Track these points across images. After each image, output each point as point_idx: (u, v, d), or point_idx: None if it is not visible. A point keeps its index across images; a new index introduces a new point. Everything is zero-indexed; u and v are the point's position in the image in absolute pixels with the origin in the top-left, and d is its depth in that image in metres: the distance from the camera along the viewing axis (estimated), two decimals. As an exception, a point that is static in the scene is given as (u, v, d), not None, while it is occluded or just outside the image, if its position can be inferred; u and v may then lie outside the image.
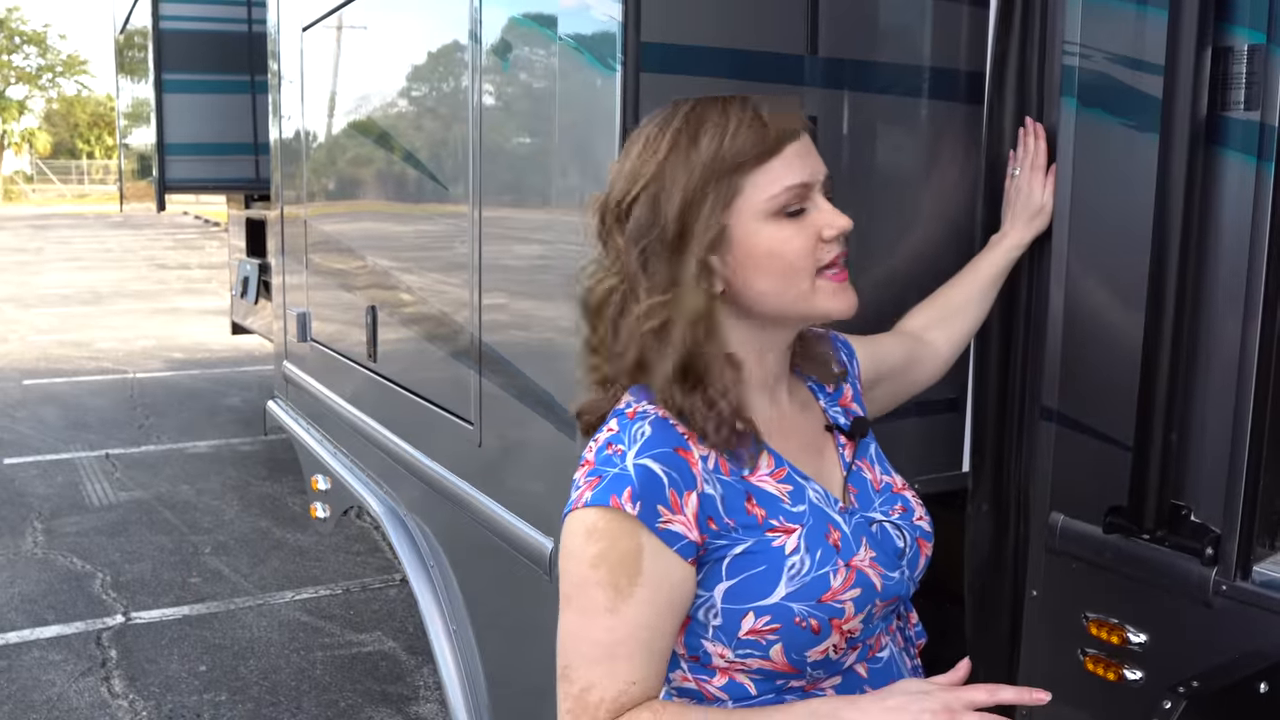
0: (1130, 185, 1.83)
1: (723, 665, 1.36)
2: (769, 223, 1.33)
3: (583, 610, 1.29)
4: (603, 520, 1.29)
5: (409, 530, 2.69)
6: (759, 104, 1.34)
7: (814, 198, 1.36)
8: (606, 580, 1.28)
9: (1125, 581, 1.87)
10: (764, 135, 1.32)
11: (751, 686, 1.37)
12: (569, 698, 1.29)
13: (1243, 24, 1.69)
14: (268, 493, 7.05)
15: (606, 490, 1.29)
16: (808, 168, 1.35)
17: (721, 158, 1.31)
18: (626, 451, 1.32)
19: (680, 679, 1.41)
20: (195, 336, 13.41)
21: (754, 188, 1.32)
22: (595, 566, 1.28)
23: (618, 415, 1.38)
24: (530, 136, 2.09)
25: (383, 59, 2.96)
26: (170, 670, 4.59)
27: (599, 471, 1.32)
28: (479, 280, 2.27)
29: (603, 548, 1.28)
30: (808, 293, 1.36)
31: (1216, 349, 1.73)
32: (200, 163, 6.83)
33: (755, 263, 1.34)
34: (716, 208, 1.32)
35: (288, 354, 4.11)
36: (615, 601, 1.27)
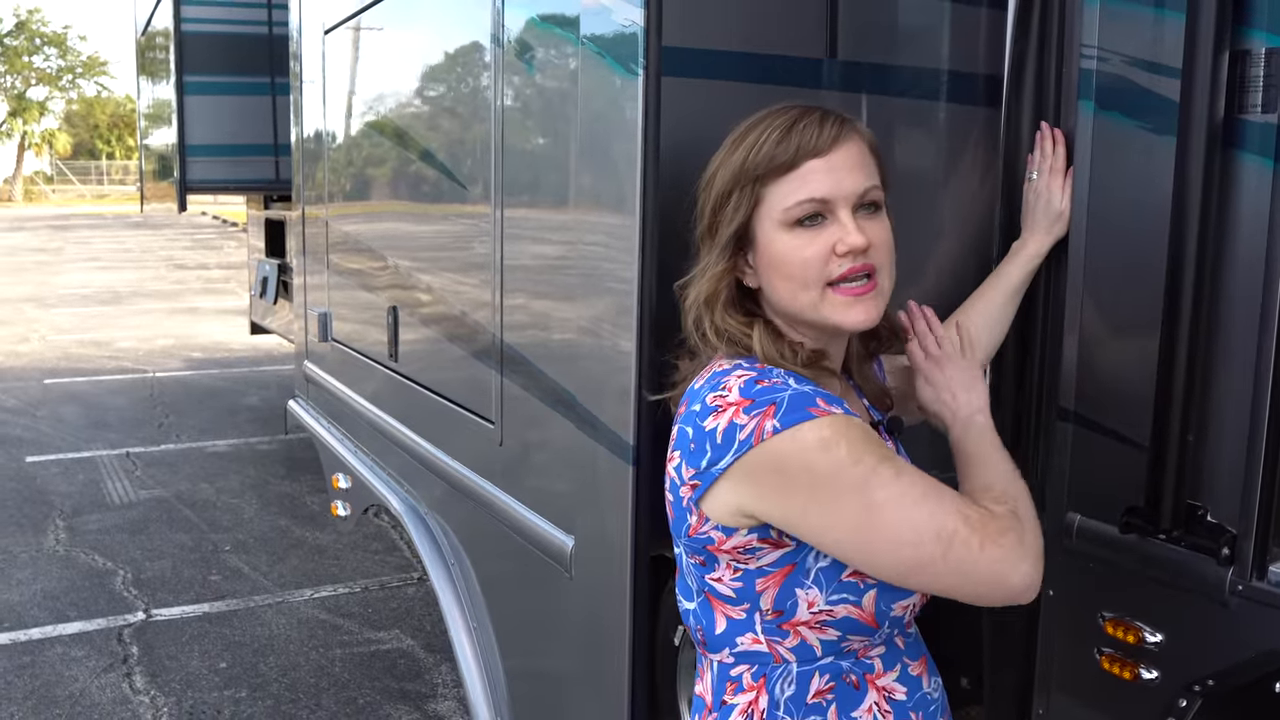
0: (1147, 188, 1.84)
1: (804, 618, 1.43)
2: (786, 231, 1.44)
3: (890, 493, 1.34)
4: (824, 429, 1.35)
5: (429, 528, 2.72)
6: (801, 117, 1.44)
7: (837, 212, 1.43)
8: (875, 462, 1.35)
9: (1142, 581, 1.88)
10: (785, 149, 1.43)
11: (819, 648, 1.45)
12: (967, 538, 1.33)
13: (1260, 27, 1.70)
14: (286, 491, 7.09)
15: (798, 406, 1.36)
16: (830, 183, 1.43)
17: (746, 169, 1.45)
18: (787, 380, 1.40)
19: (751, 641, 1.46)
20: (214, 336, 13.47)
21: (773, 198, 1.44)
22: (857, 461, 1.34)
23: (740, 367, 1.45)
24: (551, 138, 2.11)
25: (405, 61, 2.98)
26: (191, 667, 4.62)
27: (768, 400, 1.37)
28: (500, 280, 2.29)
29: (847, 444, 1.35)
30: (816, 302, 1.45)
31: (1233, 351, 1.74)
32: (220, 163, 6.87)
33: (773, 266, 1.46)
34: (739, 210, 1.45)
35: (308, 353, 4.14)
36: (895, 466, 1.36)
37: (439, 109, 2.74)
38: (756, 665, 1.47)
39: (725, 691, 1.49)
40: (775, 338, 1.48)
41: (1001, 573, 1.33)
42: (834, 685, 1.46)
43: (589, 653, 2.01)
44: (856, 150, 1.46)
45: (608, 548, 1.87)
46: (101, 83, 68.05)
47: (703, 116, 1.79)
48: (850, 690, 1.47)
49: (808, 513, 1.36)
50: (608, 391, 1.85)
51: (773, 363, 1.45)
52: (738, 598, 1.46)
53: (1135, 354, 1.86)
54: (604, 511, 1.88)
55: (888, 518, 1.33)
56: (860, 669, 1.48)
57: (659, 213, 1.72)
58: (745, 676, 1.48)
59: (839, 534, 1.35)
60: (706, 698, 1.53)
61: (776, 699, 1.45)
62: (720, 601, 1.47)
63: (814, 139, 1.42)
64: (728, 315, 1.49)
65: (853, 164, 1.45)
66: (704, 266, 1.51)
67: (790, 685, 1.45)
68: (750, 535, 1.41)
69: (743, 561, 1.43)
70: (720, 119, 1.77)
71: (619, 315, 1.80)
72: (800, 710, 1.45)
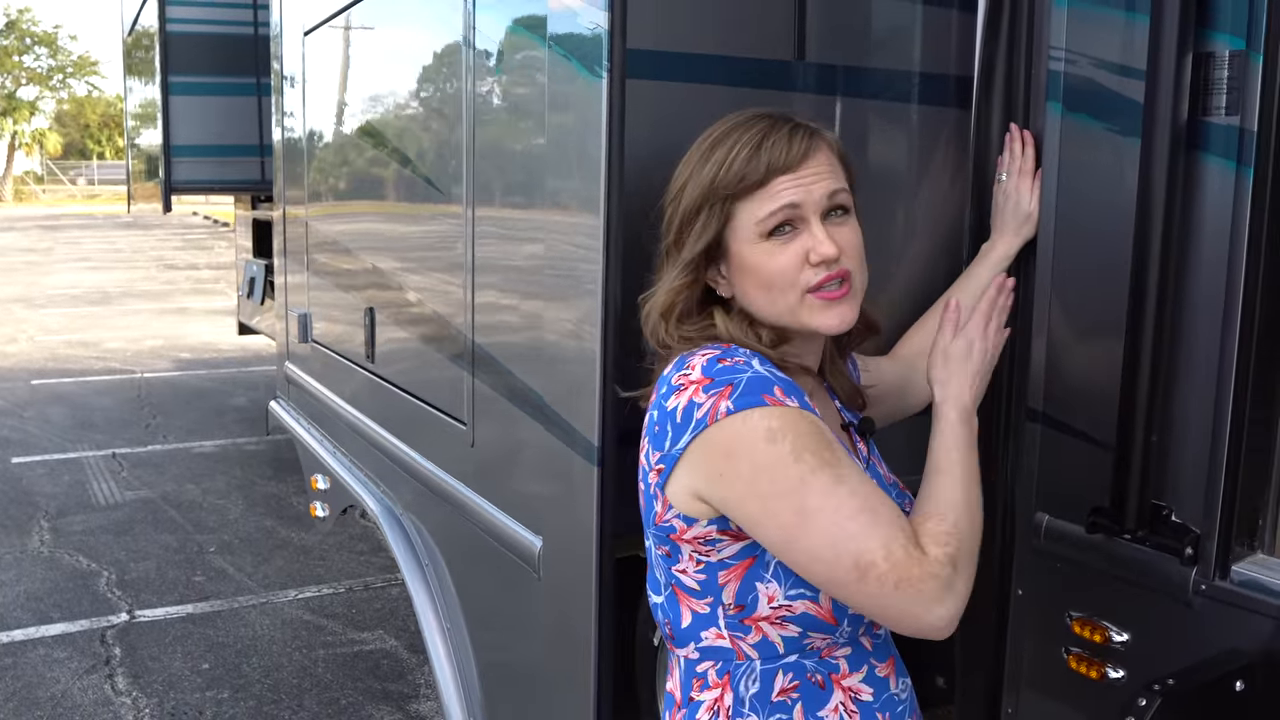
0: (1114, 190, 1.85)
1: (765, 614, 1.43)
2: (759, 243, 1.46)
3: (822, 502, 1.33)
4: (774, 418, 1.35)
5: (405, 529, 2.72)
6: (769, 132, 1.45)
7: (808, 219, 1.45)
8: (818, 463, 1.34)
9: (1108, 581, 1.89)
10: (755, 168, 1.44)
11: (780, 645, 1.45)
12: (883, 575, 1.30)
13: (1224, 30, 1.71)
14: (273, 492, 7.09)
15: (753, 391, 1.36)
16: (800, 193, 1.44)
17: (715, 188, 1.46)
18: (749, 362, 1.41)
19: (714, 637, 1.47)
20: (203, 336, 13.46)
21: (744, 214, 1.46)
22: (799, 458, 1.33)
23: (707, 347, 1.47)
24: (521, 140, 2.12)
25: (381, 62, 2.99)
26: (173, 668, 4.62)
27: (725, 380, 1.38)
28: (471, 281, 2.29)
29: (792, 439, 1.34)
30: (795, 307, 1.47)
31: (1196, 352, 1.75)
32: (206, 164, 6.87)
33: (747, 277, 1.48)
34: (708, 227, 1.47)
35: (289, 354, 4.14)
36: (837, 473, 1.34)
37: (413, 110, 2.75)
38: (721, 662, 1.48)
39: (692, 688, 1.50)
40: (741, 321, 1.50)
41: (913, 614, 1.31)
42: (799, 684, 1.47)
43: (558, 653, 2.02)
44: (825, 159, 1.48)
45: (574, 548, 1.87)
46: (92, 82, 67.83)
47: (669, 118, 1.81)
48: (815, 689, 1.47)
49: (745, 502, 1.36)
50: (573, 392, 1.85)
51: (738, 342, 1.46)
52: (701, 590, 1.46)
53: (1102, 355, 1.87)
54: (570, 512, 1.88)
55: (812, 528, 1.32)
56: (825, 669, 1.48)
57: (624, 214, 1.72)
58: (710, 673, 1.49)
59: (768, 531, 1.36)
60: (676, 694, 1.54)
61: (741, 696, 1.46)
62: (686, 595, 1.48)
63: (783, 155, 1.44)
64: (682, 326, 1.51)
65: (822, 171, 1.47)
66: (666, 279, 1.52)
67: (754, 683, 1.46)
68: (710, 526, 1.42)
69: (704, 554, 1.44)
70: (688, 121, 1.78)
71: (584, 316, 1.81)
72: (765, 708, 1.46)
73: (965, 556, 1.36)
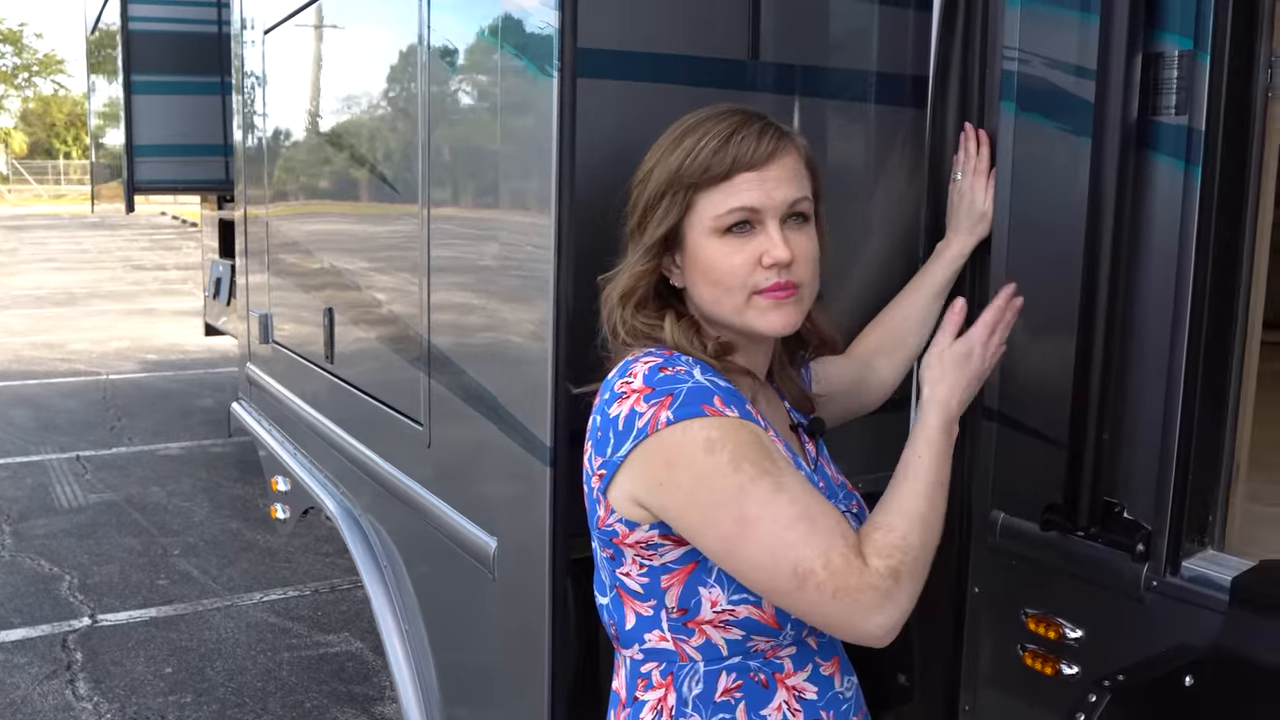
0: (1066, 189, 1.86)
1: (708, 618, 1.43)
2: (715, 237, 1.46)
3: (761, 511, 1.32)
4: (713, 429, 1.34)
5: (363, 531, 2.71)
6: (740, 127, 1.45)
7: (765, 223, 1.45)
8: (757, 472, 1.33)
9: (1062, 578, 1.90)
10: (720, 160, 1.44)
11: (724, 647, 1.45)
12: (821, 583, 1.30)
13: (1173, 30, 1.72)
14: (238, 494, 7.04)
15: (693, 401, 1.36)
16: (760, 195, 1.44)
17: (680, 175, 1.45)
18: (690, 371, 1.40)
19: (658, 639, 1.47)
20: (170, 338, 13.35)
21: (704, 205, 1.46)
22: (738, 468, 1.33)
23: (649, 354, 1.46)
24: (475, 140, 2.11)
25: (339, 62, 2.97)
26: (136, 672, 4.58)
27: (666, 390, 1.38)
28: (427, 281, 2.28)
29: (731, 449, 1.34)
30: (741, 307, 1.47)
31: (1147, 350, 1.76)
32: (170, 164, 6.80)
33: (699, 270, 1.48)
34: (669, 213, 1.46)
35: (251, 355, 4.11)
36: (776, 482, 1.33)
37: (370, 110, 2.73)
38: (664, 663, 1.48)
39: (637, 688, 1.51)
40: (689, 329, 1.49)
41: (851, 622, 1.31)
42: (742, 684, 1.47)
43: (514, 655, 2.01)
44: (791, 163, 1.49)
45: (528, 549, 1.87)
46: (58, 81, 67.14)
47: (622, 117, 1.81)
48: (759, 689, 1.48)
49: (685, 512, 1.36)
50: (526, 392, 1.85)
51: (683, 350, 1.46)
52: (645, 594, 1.47)
53: (1055, 354, 1.87)
54: (524, 513, 1.88)
55: (751, 537, 1.32)
56: (769, 669, 1.49)
57: (575, 213, 1.72)
58: (654, 673, 1.49)
59: (708, 540, 1.36)
60: (621, 693, 1.55)
61: (685, 696, 1.46)
62: (630, 597, 1.48)
63: (750, 152, 1.44)
64: (639, 313, 1.51)
65: (786, 176, 1.47)
66: (628, 263, 1.53)
67: (698, 684, 1.46)
68: (652, 531, 1.42)
69: (647, 558, 1.44)
70: (642, 120, 1.77)
71: (536, 316, 1.80)
72: (709, 708, 1.46)
73: (910, 569, 1.34)
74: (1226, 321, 1.76)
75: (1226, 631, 1.67)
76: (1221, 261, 1.72)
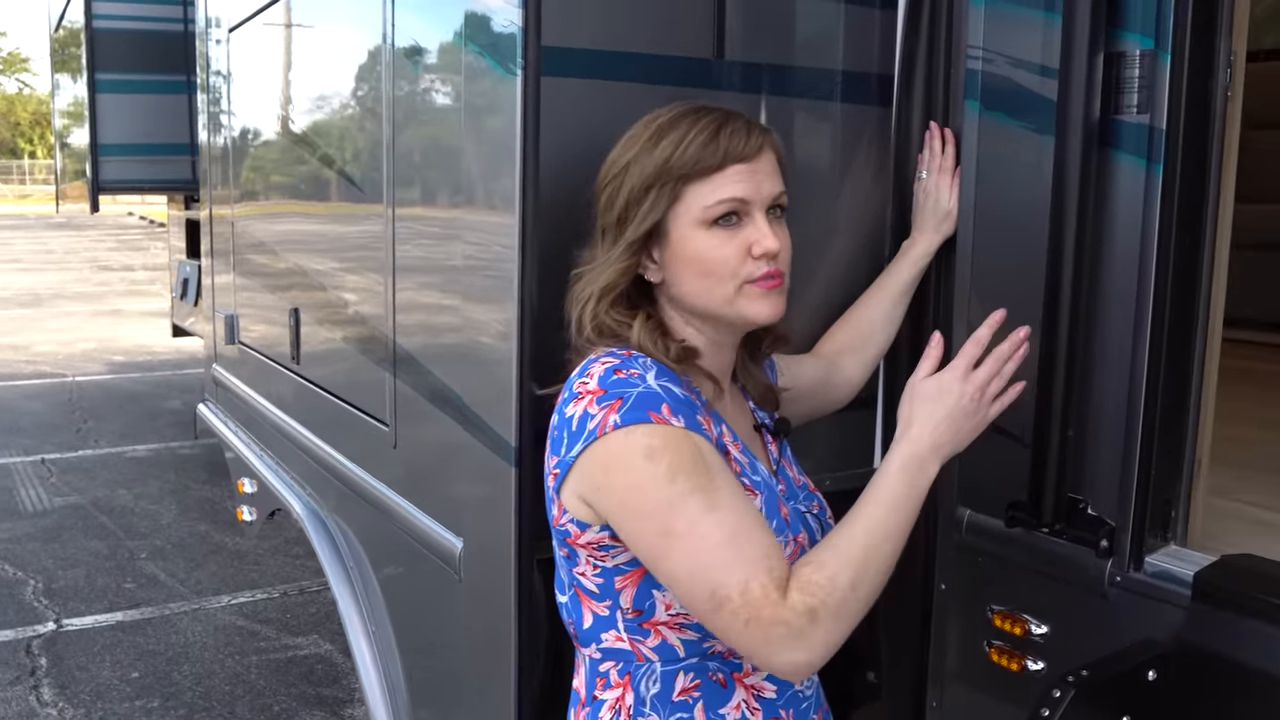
0: (1030, 187, 1.87)
1: (663, 619, 1.43)
2: (702, 230, 1.46)
3: (688, 528, 1.30)
4: (655, 437, 1.33)
5: (330, 532, 2.69)
6: (726, 121, 1.46)
7: (753, 214, 1.47)
8: (691, 487, 1.31)
9: (1027, 574, 1.91)
10: (712, 152, 1.44)
11: (681, 648, 1.45)
12: (735, 610, 1.28)
13: (1135, 29, 1.74)
14: (207, 496, 6.98)
15: (640, 407, 1.35)
16: (750, 186, 1.46)
17: (669, 167, 1.45)
18: (644, 375, 1.39)
19: (614, 639, 1.47)
20: (137, 339, 13.23)
21: (693, 196, 1.45)
22: (673, 480, 1.31)
23: (609, 354, 1.44)
24: (440, 140, 2.10)
25: (304, 61, 2.95)
26: (101, 677, 4.53)
27: (617, 393, 1.37)
28: (392, 281, 2.27)
29: (669, 460, 1.32)
30: (731, 297, 1.47)
31: (1110, 347, 1.78)
32: (136, 163, 6.72)
33: (685, 263, 1.47)
34: (656, 206, 1.46)
35: (217, 356, 4.08)
36: (710, 500, 1.31)
37: (335, 109, 2.71)
38: (622, 663, 1.48)
39: (596, 687, 1.50)
40: (654, 331, 1.48)
41: (761, 654, 1.29)
42: (700, 683, 1.47)
43: (481, 656, 2.00)
44: (774, 157, 1.52)
45: (494, 550, 1.86)
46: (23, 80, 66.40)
47: (588, 116, 1.80)
48: (717, 688, 1.47)
49: (619, 517, 1.37)
50: (490, 392, 1.84)
51: (645, 352, 1.45)
52: (600, 594, 1.47)
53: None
54: (489, 513, 1.87)
55: (675, 552, 1.31)
56: (728, 668, 1.49)
57: (540, 212, 1.71)
58: (612, 673, 1.48)
59: (638, 547, 1.37)
60: (581, 692, 1.54)
61: (643, 696, 1.46)
62: (587, 597, 1.48)
63: (741, 145, 1.45)
64: (614, 309, 1.50)
65: (771, 170, 1.50)
66: (609, 258, 1.51)
67: (655, 683, 1.46)
68: (602, 532, 1.41)
69: (600, 559, 1.44)
70: (607, 119, 1.77)
71: (500, 315, 1.79)
72: (666, 707, 1.46)
73: (833, 611, 1.28)
74: (1188, 318, 1.77)
75: (1189, 626, 1.69)
76: (1182, 259, 1.74)
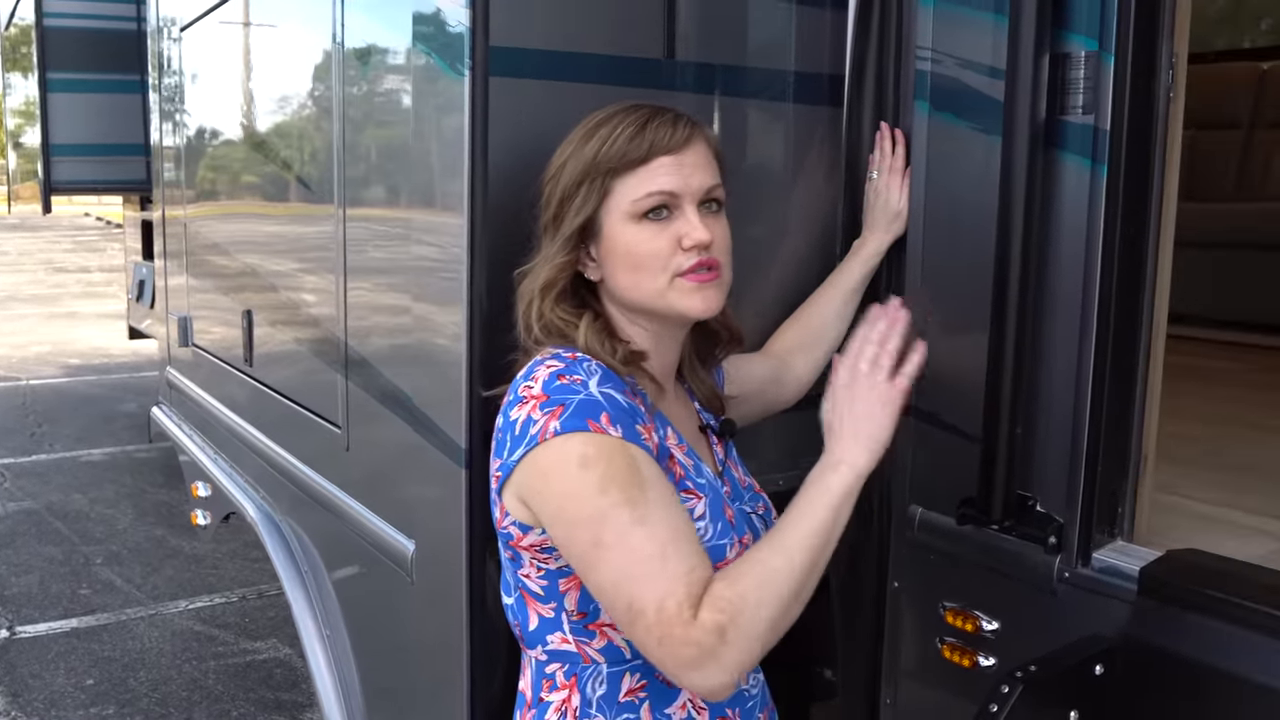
0: (978, 187, 1.88)
1: (608, 621, 1.43)
2: (633, 223, 1.46)
3: (616, 539, 1.30)
4: (590, 446, 1.33)
5: (283, 535, 2.67)
6: (654, 115, 1.47)
7: (683, 207, 1.47)
8: (622, 499, 1.31)
9: (979, 571, 1.93)
10: (637, 145, 1.45)
11: (626, 649, 1.45)
12: (649, 626, 1.27)
13: (1080, 31, 1.75)
14: (163, 500, 6.90)
15: (579, 415, 1.34)
16: (678, 179, 1.46)
17: (598, 162, 1.46)
18: (587, 381, 1.39)
19: (560, 641, 1.47)
20: (93, 341, 13.05)
21: (622, 190, 1.46)
22: (604, 491, 1.31)
23: (555, 356, 1.44)
24: (389, 140, 2.09)
25: (255, 60, 2.93)
26: (56, 685, 4.47)
27: (560, 399, 1.36)
28: (344, 283, 2.26)
29: (602, 470, 1.32)
30: (663, 290, 1.47)
31: (1057, 345, 1.79)
32: (89, 163, 6.64)
33: (617, 257, 1.48)
34: (588, 201, 1.46)
35: (171, 359, 4.04)
36: (640, 513, 1.30)
37: (286, 109, 2.69)
38: (568, 664, 1.48)
39: (542, 688, 1.50)
40: (600, 332, 1.48)
41: (672, 672, 1.29)
42: (646, 684, 1.47)
43: (433, 659, 1.99)
44: (704, 151, 1.51)
45: (445, 551, 1.85)
46: (-24, 79, 65.37)
47: (536, 116, 1.79)
48: (663, 688, 1.48)
49: (553, 523, 1.37)
50: (440, 393, 1.84)
51: (592, 354, 1.45)
52: (545, 596, 1.47)
53: (969, 350, 1.90)
54: (440, 515, 1.86)
55: (604, 564, 1.31)
56: None
57: (488, 212, 1.71)
58: (558, 675, 1.48)
59: (568, 554, 1.37)
60: (527, 694, 1.54)
61: (589, 697, 1.46)
62: (532, 599, 1.48)
63: (667, 138, 1.46)
64: (558, 306, 1.50)
65: (700, 163, 1.49)
66: (546, 255, 1.51)
67: (601, 684, 1.46)
68: (544, 535, 1.42)
69: (543, 561, 1.44)
70: (555, 119, 1.76)
71: (451, 317, 1.79)
72: (613, 708, 1.46)
73: (744, 629, 1.26)
74: (1133, 316, 1.80)
75: (1135, 621, 1.71)
76: (1127, 257, 1.76)
